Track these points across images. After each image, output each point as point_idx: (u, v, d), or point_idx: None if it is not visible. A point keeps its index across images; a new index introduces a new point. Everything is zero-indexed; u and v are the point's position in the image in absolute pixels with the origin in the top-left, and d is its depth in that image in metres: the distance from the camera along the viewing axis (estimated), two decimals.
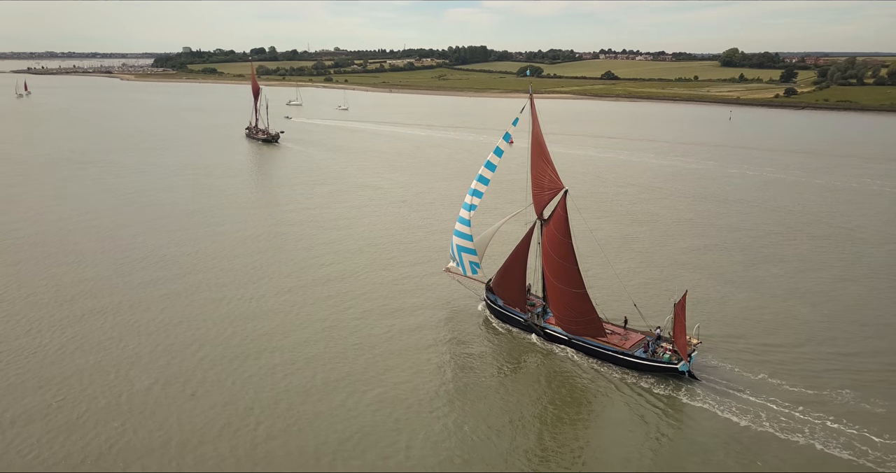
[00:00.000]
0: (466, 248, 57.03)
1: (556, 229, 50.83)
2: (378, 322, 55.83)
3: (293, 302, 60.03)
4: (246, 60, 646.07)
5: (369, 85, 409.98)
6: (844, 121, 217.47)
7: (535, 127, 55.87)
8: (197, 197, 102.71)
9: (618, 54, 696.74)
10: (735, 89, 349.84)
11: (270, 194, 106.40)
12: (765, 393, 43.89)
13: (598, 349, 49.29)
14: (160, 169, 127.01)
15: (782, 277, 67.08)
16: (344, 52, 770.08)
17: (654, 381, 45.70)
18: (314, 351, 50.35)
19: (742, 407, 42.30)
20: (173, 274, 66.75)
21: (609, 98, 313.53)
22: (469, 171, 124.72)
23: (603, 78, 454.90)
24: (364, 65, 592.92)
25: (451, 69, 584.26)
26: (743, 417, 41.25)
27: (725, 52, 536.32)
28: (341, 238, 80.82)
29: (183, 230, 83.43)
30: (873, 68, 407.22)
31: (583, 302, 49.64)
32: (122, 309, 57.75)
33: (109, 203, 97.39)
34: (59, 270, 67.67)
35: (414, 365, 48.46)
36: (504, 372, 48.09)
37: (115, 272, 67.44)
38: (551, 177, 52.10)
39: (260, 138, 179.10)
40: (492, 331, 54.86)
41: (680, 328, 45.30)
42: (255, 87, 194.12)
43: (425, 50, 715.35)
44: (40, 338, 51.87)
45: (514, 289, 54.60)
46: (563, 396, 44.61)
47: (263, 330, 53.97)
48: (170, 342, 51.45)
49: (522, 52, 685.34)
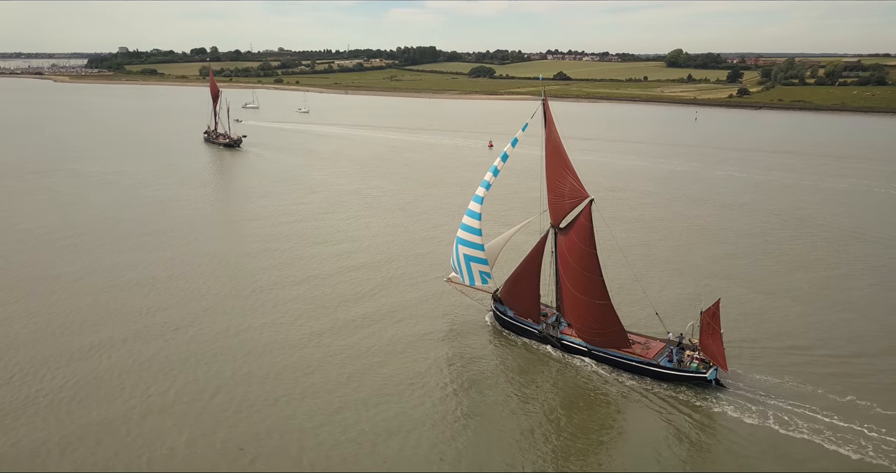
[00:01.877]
0: (476, 258, 53.97)
1: (578, 239, 48.43)
2: (403, 343, 51.48)
3: (311, 330, 54.12)
4: (187, 61, 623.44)
5: (322, 86, 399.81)
6: (804, 121, 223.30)
7: (553, 132, 53.19)
8: (169, 212, 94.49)
9: (564, 55, 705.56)
10: (687, 89, 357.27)
11: (254, 205, 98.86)
12: (795, 400, 42.68)
13: (621, 360, 47.45)
14: (127, 177, 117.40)
15: (806, 283, 65.46)
16: (289, 52, 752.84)
17: (679, 390, 44.31)
18: (314, 379, 45.81)
19: (773, 414, 41.12)
20: (172, 301, 59.56)
21: (568, 99, 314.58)
22: (456, 177, 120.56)
23: (555, 78, 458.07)
24: (312, 65, 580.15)
25: (401, 70, 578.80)
26: (776, 423, 40.19)
27: (670, 52, 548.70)
28: (345, 252, 74.85)
29: (166, 251, 75.68)
30: (811, 68, 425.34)
31: (606, 313, 47.69)
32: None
33: (74, 220, 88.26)
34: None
35: (424, 380, 45.83)
36: (520, 383, 46.00)
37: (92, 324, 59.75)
38: (573, 185, 49.55)
39: (221, 143, 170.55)
40: (503, 343, 52.49)
41: (713, 336, 43.86)
42: (214, 90, 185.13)
43: (373, 50, 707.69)
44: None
45: (527, 300, 52.45)
46: (584, 407, 43.02)
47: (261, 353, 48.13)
48: (179, 386, 44.95)
49: (471, 53, 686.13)
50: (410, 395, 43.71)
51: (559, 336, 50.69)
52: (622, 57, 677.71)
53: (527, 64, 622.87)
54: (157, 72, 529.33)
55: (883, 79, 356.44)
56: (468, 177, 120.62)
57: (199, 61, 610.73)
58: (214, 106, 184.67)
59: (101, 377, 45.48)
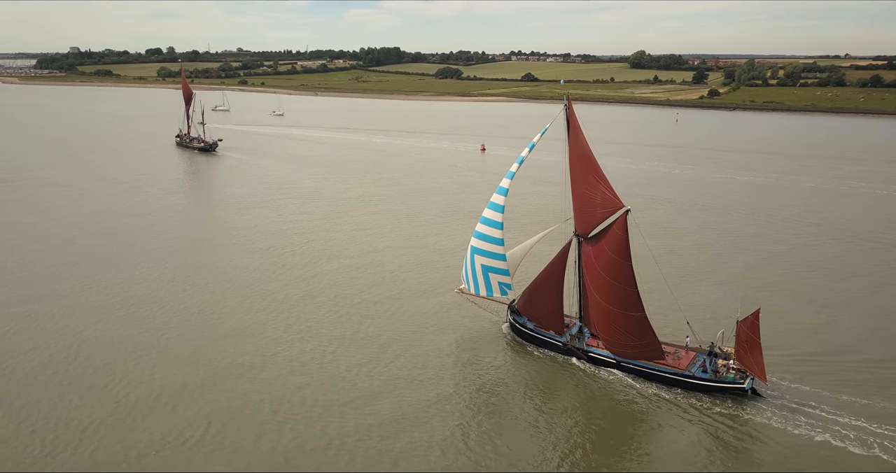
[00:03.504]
0: (497, 268, 51.89)
1: (610, 249, 46.70)
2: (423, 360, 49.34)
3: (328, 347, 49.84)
4: (143, 61, 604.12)
5: (289, 88, 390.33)
6: (782, 122, 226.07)
7: (580, 138, 50.76)
8: (162, 226, 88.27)
9: (528, 56, 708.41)
10: (656, 91, 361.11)
11: (253, 215, 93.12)
12: (838, 408, 41.80)
13: (654, 372, 46.13)
14: (111, 185, 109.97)
15: (840, 290, 64.00)
16: (248, 52, 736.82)
17: (714, 401, 43.25)
18: (317, 398, 43.36)
19: (814, 423, 40.36)
20: (194, 335, 54.30)
21: (543, 100, 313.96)
22: (457, 183, 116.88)
23: (523, 79, 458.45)
24: (275, 66, 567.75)
25: (366, 71, 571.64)
26: (819, 432, 39.44)
27: (633, 54, 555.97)
28: (363, 265, 70.38)
29: (170, 269, 69.95)
30: (771, 69, 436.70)
31: (640, 324, 46.11)
32: None
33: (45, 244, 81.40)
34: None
35: (442, 394, 44.34)
36: (545, 397, 44.46)
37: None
38: (605, 194, 47.74)
39: (196, 147, 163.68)
40: (523, 355, 50.74)
41: (751, 345, 42.86)
42: (186, 92, 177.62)
43: (335, 51, 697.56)
44: None
45: (550, 311, 50.82)
46: (615, 419, 41.86)
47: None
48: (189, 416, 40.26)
49: (436, 54, 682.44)
50: (429, 415, 41.70)
51: (585, 347, 49.20)
52: (585, 58, 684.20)
53: (492, 65, 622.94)
54: (113, 73, 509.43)
55: (841, 80, 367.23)
56: (469, 183, 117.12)
57: (156, 62, 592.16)
58: (187, 108, 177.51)
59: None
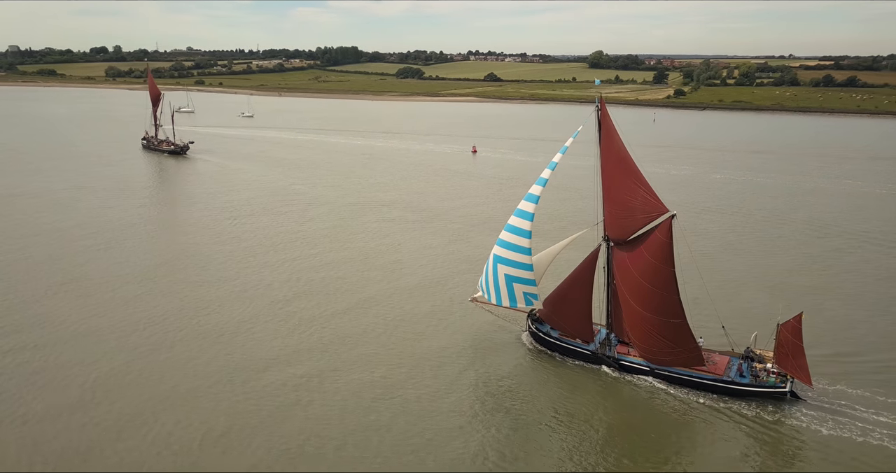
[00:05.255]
0: (522, 279, 49.50)
1: (650, 255, 45.13)
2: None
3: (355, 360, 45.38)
4: (88, 60, 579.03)
5: (248, 88, 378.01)
6: (756, 121, 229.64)
7: (615, 141, 48.56)
8: (160, 239, 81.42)
9: (486, 56, 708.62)
10: (620, 90, 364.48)
11: (255, 224, 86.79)
12: (882, 409, 41.42)
13: (691, 378, 45.03)
14: (87, 194, 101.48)
15: (878, 293, 63.15)
16: (199, 52, 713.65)
17: (754, 405, 42.57)
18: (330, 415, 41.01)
19: (859, 425, 39.89)
20: (209, 369, 48.65)
21: (514, 101, 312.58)
22: (459, 187, 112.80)
23: (487, 79, 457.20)
24: (229, 66, 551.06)
25: (323, 71, 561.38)
26: (863, 434, 39.05)
27: (592, 54, 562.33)
28: (390, 278, 65.63)
29: (190, 292, 63.68)
30: (726, 69, 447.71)
31: (680, 332, 44.85)
32: None
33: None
34: None
35: (467, 411, 42.32)
36: (579, 409, 42.77)
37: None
38: (646, 198, 45.78)
39: (165, 150, 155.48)
40: (549, 365, 48.88)
41: (793, 349, 42.44)
42: (154, 92, 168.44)
43: (290, 50, 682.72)
44: None
45: (578, 319, 49.23)
46: (657, 428, 40.68)
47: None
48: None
49: (393, 53, 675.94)
50: (455, 430, 39.90)
51: (616, 355, 47.60)
52: (542, 58, 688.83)
53: (452, 65, 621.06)
54: (57, 72, 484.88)
55: (795, 79, 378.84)
56: (471, 187, 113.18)
57: (102, 61, 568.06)
58: (154, 110, 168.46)
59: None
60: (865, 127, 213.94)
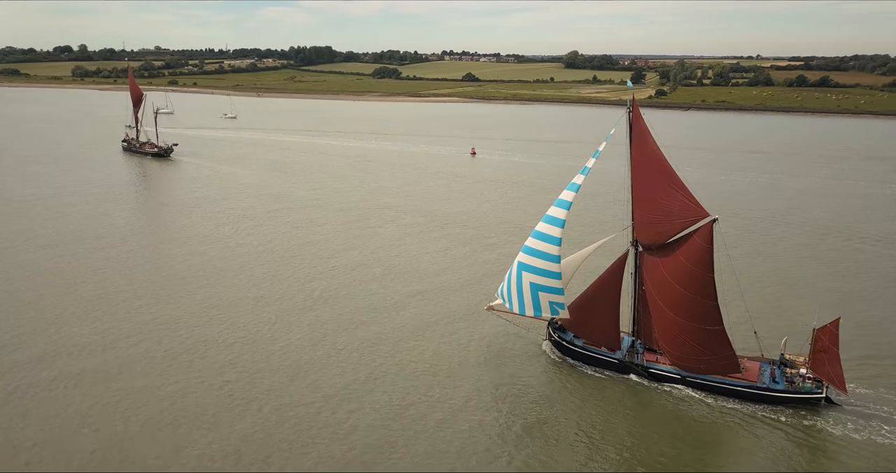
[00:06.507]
0: (549, 287, 47.75)
1: (688, 260, 44.25)
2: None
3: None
4: (53, 60, 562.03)
5: (225, 88, 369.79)
6: (742, 121, 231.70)
7: (649, 143, 47.57)
8: (176, 247, 77.25)
9: (461, 56, 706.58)
10: (600, 90, 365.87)
11: (267, 232, 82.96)
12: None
13: (725, 385, 44.07)
14: (77, 199, 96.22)
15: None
16: (168, 51, 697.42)
17: (789, 411, 42.00)
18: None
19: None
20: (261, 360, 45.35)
21: (497, 101, 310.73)
22: (465, 191, 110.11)
23: (465, 79, 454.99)
24: (201, 65, 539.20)
25: (298, 70, 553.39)
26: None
27: (567, 54, 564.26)
28: (427, 290, 62.80)
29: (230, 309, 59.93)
30: (701, 69, 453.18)
31: (717, 339, 43.91)
32: None
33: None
34: None
35: (493, 424, 41.04)
36: (609, 418, 41.74)
37: None
38: (685, 202, 44.79)
39: (148, 152, 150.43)
40: (573, 375, 47.42)
41: (829, 355, 41.94)
42: (135, 93, 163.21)
43: (262, 50, 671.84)
44: None
45: (605, 327, 47.91)
46: (693, 436, 40.04)
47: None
48: None
49: (368, 53, 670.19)
50: (480, 443, 38.81)
51: (645, 363, 46.43)
52: (517, 58, 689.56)
53: (429, 64, 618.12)
54: (21, 72, 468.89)
55: (769, 79, 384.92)
56: (478, 191, 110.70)
57: (67, 60, 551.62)
58: (136, 111, 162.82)
59: None
60: (855, 127, 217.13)
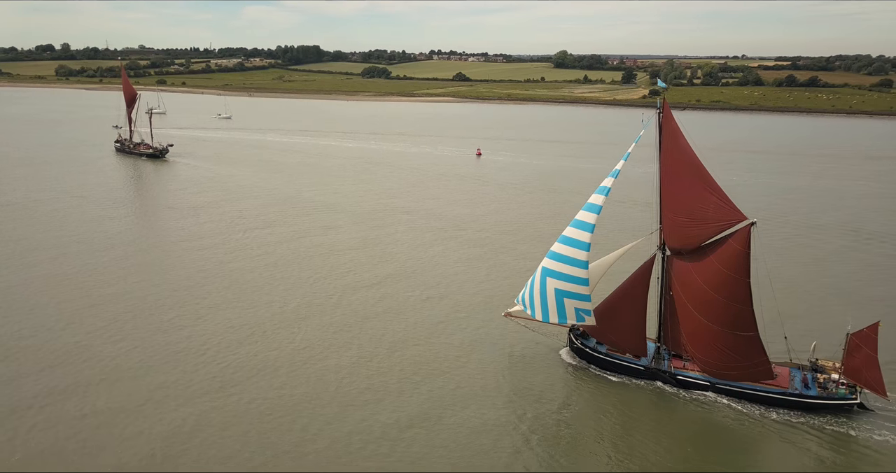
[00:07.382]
0: (576, 294, 46.32)
1: (722, 265, 42.99)
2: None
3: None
4: (35, 59, 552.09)
5: (214, 88, 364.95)
6: (741, 121, 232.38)
7: (680, 144, 47.22)
8: (193, 253, 74.60)
9: (449, 55, 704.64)
10: (593, 90, 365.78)
11: (281, 235, 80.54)
12: None
13: (756, 392, 42.86)
14: (80, 202, 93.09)
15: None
16: (152, 50, 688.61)
17: (823, 418, 40.94)
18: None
19: None
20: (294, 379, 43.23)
21: (491, 101, 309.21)
22: (475, 194, 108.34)
23: (456, 79, 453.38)
24: (187, 65, 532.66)
25: (286, 70, 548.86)
26: None
27: (556, 53, 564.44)
28: (445, 295, 60.86)
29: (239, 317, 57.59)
30: (691, 69, 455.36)
31: (750, 345, 42.71)
32: None
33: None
34: None
35: (516, 430, 40.02)
36: (638, 427, 40.54)
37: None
38: (720, 205, 43.84)
39: (143, 153, 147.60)
40: (597, 382, 46.06)
41: (866, 359, 40.75)
42: (129, 93, 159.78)
43: (248, 49, 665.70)
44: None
45: (629, 332, 46.56)
46: (727, 445, 39.00)
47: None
48: None
49: (356, 53, 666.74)
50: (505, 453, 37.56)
51: (672, 370, 45.06)
52: (505, 58, 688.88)
53: (418, 64, 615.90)
54: (3, 71, 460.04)
55: (758, 79, 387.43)
56: (489, 193, 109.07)
57: (50, 59, 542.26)
58: (129, 111, 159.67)
59: None
60: (855, 126, 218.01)
